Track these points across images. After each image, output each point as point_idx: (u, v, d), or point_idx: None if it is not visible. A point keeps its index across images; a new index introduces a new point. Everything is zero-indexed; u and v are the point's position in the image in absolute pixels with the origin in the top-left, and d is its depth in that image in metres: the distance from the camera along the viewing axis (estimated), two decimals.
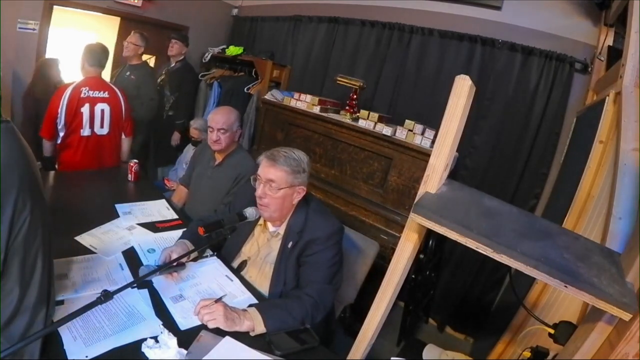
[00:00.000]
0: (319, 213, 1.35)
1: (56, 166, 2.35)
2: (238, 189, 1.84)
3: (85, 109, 2.23)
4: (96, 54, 2.27)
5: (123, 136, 2.53)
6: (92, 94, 2.25)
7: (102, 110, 2.31)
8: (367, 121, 2.24)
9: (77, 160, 2.29)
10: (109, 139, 2.41)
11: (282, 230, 1.35)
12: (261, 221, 1.40)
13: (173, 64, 3.24)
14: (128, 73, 2.95)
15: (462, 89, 0.75)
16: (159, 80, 3.25)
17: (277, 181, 1.24)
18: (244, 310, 1.09)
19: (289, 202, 1.30)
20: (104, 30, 3.62)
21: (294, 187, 1.28)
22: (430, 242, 2.18)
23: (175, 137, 3.23)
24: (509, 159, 2.40)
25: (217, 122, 1.88)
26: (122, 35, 3.38)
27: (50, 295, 0.81)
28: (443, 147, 0.79)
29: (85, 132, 2.28)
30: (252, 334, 1.06)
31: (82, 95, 2.21)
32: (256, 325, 1.06)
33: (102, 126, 2.34)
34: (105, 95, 2.31)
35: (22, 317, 0.73)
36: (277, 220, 1.35)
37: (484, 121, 2.46)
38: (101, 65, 2.31)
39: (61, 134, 2.24)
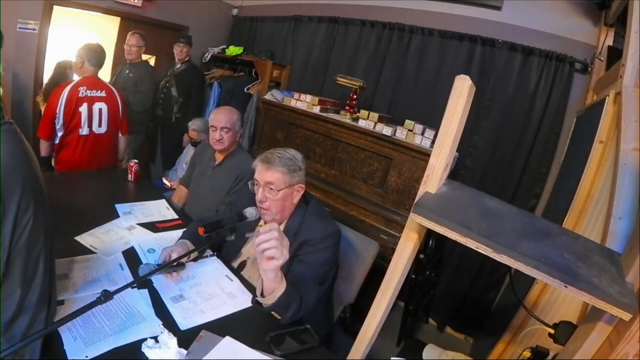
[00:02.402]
0: (316, 215, 1.34)
1: (53, 166, 2.36)
2: (240, 188, 1.84)
3: (83, 109, 2.24)
4: (97, 54, 2.28)
5: (120, 134, 2.55)
6: (90, 93, 2.26)
7: (100, 109, 2.32)
8: (367, 121, 2.24)
9: (75, 159, 2.30)
10: (107, 137, 2.42)
11: None
12: (261, 222, 1.40)
13: (178, 65, 3.23)
14: (127, 71, 2.97)
15: (462, 89, 0.74)
16: (163, 81, 3.25)
17: (275, 183, 1.24)
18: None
19: (289, 202, 1.31)
20: (104, 30, 3.62)
21: (292, 186, 1.28)
22: (430, 242, 2.18)
23: (186, 139, 3.22)
24: (509, 159, 2.40)
25: (220, 121, 1.88)
26: (122, 35, 3.38)
27: (51, 296, 0.81)
28: (443, 147, 0.79)
29: (84, 131, 2.29)
30: (259, 295, 1.07)
31: (80, 94, 2.22)
32: (278, 289, 1.05)
33: (100, 125, 2.35)
34: (103, 94, 2.32)
35: (23, 317, 0.73)
36: (278, 222, 1.35)
37: (484, 121, 2.46)
38: (100, 65, 2.33)
39: (59, 134, 2.25)
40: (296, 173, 1.28)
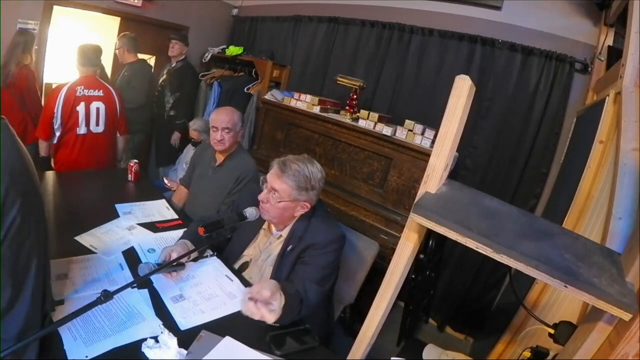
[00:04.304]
0: (322, 220, 1.34)
1: (53, 166, 2.36)
2: (243, 189, 1.84)
3: (80, 108, 2.25)
4: (85, 54, 2.28)
5: (118, 135, 2.55)
6: (87, 92, 2.27)
7: (98, 109, 2.32)
8: (367, 121, 2.24)
9: (73, 159, 2.31)
10: (105, 136, 2.42)
11: (284, 233, 1.35)
12: (265, 225, 1.41)
13: (174, 64, 3.25)
14: (124, 71, 3.00)
15: (462, 89, 0.74)
16: (160, 80, 3.27)
17: (280, 193, 1.23)
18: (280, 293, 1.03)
19: (289, 214, 1.30)
20: (104, 30, 3.61)
21: (297, 201, 1.26)
22: (430, 242, 2.18)
23: (175, 137, 3.24)
24: (509, 159, 2.40)
25: (222, 122, 1.88)
26: None
27: (46, 295, 0.80)
28: (443, 147, 0.79)
29: (81, 130, 2.29)
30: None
31: (77, 94, 2.22)
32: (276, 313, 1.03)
33: (97, 124, 2.35)
34: (100, 93, 2.33)
35: (16, 318, 0.72)
36: (279, 224, 1.35)
37: (484, 121, 2.46)
38: (92, 64, 2.32)
39: (57, 134, 2.26)
40: (305, 191, 1.25)
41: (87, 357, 0.88)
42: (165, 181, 2.69)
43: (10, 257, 0.70)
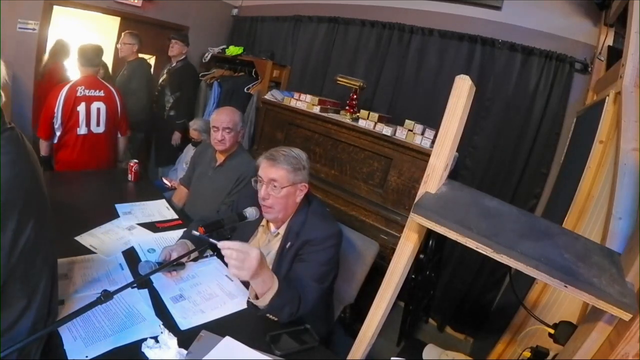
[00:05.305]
0: (318, 215, 1.34)
1: (53, 166, 2.36)
2: (243, 189, 1.84)
3: (81, 108, 2.25)
4: (86, 54, 2.29)
5: (119, 135, 2.55)
6: (88, 92, 2.27)
7: (98, 109, 2.33)
8: (367, 121, 2.24)
9: (73, 159, 2.31)
10: (105, 137, 2.43)
11: (282, 230, 1.35)
12: (264, 222, 1.41)
13: (174, 64, 3.25)
14: (124, 70, 3.01)
15: (462, 89, 0.74)
16: (160, 80, 3.27)
17: (279, 180, 1.25)
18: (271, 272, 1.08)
19: (292, 201, 1.31)
20: (104, 30, 3.62)
21: (296, 184, 1.28)
22: (430, 242, 2.18)
23: (176, 137, 3.24)
24: (509, 159, 2.40)
25: (222, 122, 1.88)
26: None
27: (52, 303, 0.81)
28: (443, 147, 0.79)
29: (82, 130, 2.30)
30: (250, 299, 1.09)
31: (78, 94, 2.23)
32: (268, 292, 1.05)
33: (98, 125, 2.35)
34: (101, 94, 2.33)
35: (23, 329, 0.73)
36: (280, 221, 1.35)
37: (484, 121, 2.46)
38: (93, 64, 2.33)
39: (57, 134, 2.26)
40: (300, 172, 1.29)
41: (87, 357, 0.88)
42: (165, 181, 2.69)
43: (23, 272, 0.70)
